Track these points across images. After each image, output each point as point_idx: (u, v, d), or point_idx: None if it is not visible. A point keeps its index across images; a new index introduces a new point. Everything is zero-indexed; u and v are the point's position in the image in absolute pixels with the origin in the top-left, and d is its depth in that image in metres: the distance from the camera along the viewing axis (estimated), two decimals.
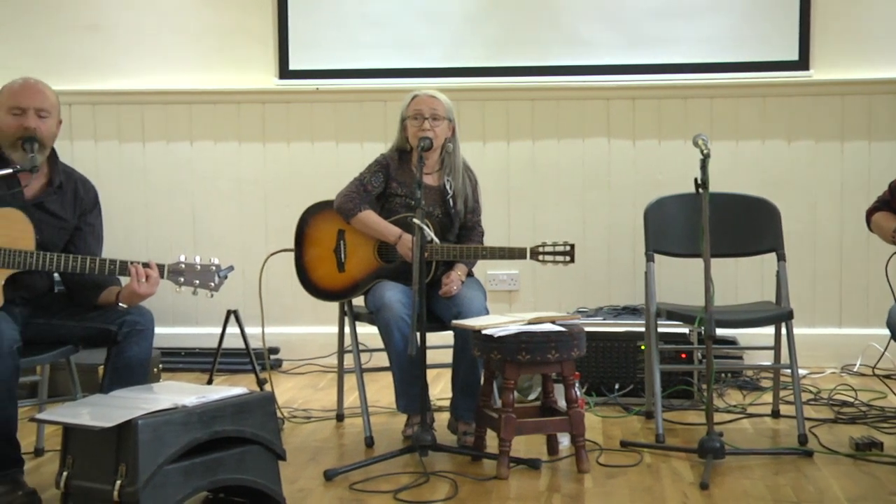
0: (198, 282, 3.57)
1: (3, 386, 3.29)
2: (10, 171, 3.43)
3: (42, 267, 3.48)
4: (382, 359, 4.24)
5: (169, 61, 5.86)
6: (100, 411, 3.15)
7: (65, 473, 3.14)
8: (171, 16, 5.86)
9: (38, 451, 4.04)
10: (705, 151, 3.81)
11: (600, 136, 5.75)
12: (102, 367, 3.63)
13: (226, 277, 3.60)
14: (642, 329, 4.68)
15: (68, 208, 3.65)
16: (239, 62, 5.83)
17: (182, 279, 3.56)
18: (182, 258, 3.58)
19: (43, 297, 3.70)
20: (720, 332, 3.94)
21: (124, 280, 3.58)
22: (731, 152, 5.65)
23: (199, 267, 3.57)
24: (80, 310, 3.62)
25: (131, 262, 3.51)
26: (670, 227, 4.53)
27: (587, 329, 3.99)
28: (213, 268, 3.58)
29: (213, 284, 3.57)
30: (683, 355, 4.76)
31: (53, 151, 3.65)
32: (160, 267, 3.53)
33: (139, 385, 3.51)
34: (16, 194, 3.50)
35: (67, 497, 3.15)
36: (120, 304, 3.55)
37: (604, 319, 5.05)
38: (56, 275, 3.79)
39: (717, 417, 4.17)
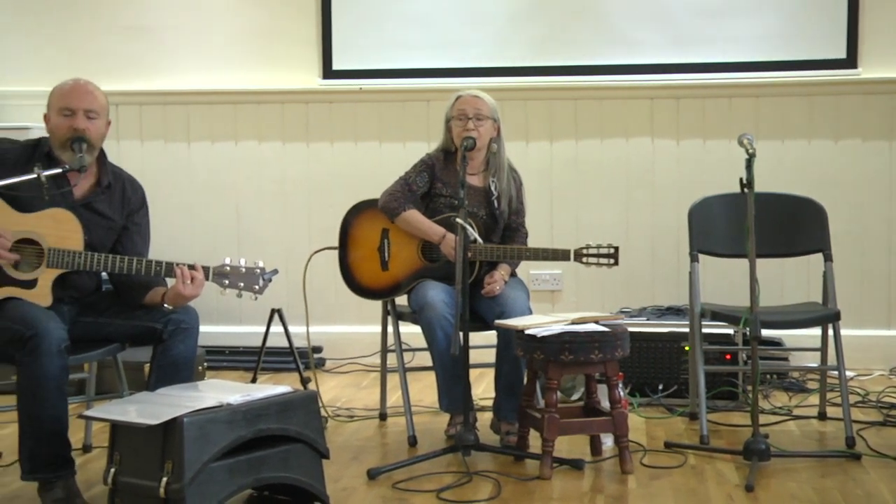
0: (242, 284, 3.58)
1: (52, 384, 3.33)
2: (59, 170, 3.45)
3: (90, 267, 3.52)
4: (425, 358, 4.24)
5: (214, 62, 5.90)
6: (146, 409, 3.18)
7: (112, 470, 3.18)
8: (216, 16, 5.90)
9: (87, 448, 4.09)
10: (751, 151, 3.78)
11: (644, 135, 5.72)
12: (148, 364, 3.66)
13: (270, 280, 3.61)
14: (686, 330, 4.65)
15: (116, 208, 3.69)
16: (283, 62, 5.86)
17: (227, 281, 3.58)
18: (227, 261, 3.60)
19: (90, 295, 3.74)
20: (766, 333, 3.92)
21: (170, 281, 3.61)
22: (776, 152, 5.59)
23: (243, 270, 3.59)
24: (126, 308, 3.66)
25: (177, 264, 3.53)
26: (715, 227, 4.50)
27: (631, 329, 3.96)
28: (258, 271, 3.60)
29: (257, 287, 3.59)
30: (728, 356, 4.72)
31: (102, 152, 3.68)
32: (205, 269, 3.56)
33: (184, 383, 3.54)
34: (65, 194, 3.54)
35: (115, 493, 3.19)
36: (165, 304, 3.58)
37: (647, 320, 5.02)
38: (104, 274, 3.83)
39: (763, 419, 4.13)
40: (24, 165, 3.49)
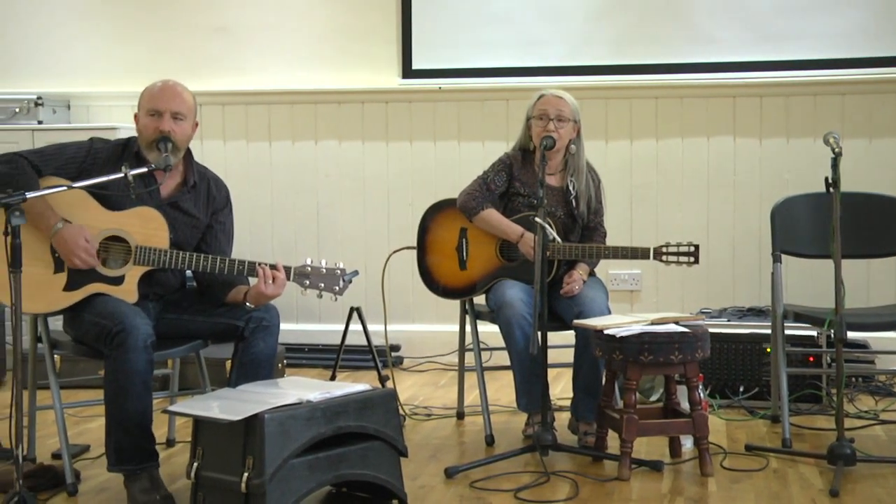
0: (322, 285, 3.61)
1: (138, 378, 3.40)
2: (144, 169, 3.53)
3: (175, 265, 3.58)
4: (503, 357, 4.24)
5: (295, 62, 5.96)
6: (228, 405, 3.23)
7: (195, 464, 3.23)
8: (297, 17, 5.96)
9: (170, 442, 4.16)
10: (836, 150, 3.71)
11: (726, 134, 5.65)
12: (230, 361, 3.72)
13: (350, 282, 3.64)
14: (768, 331, 4.58)
15: (201, 207, 3.75)
16: (363, 62, 5.90)
17: (307, 282, 3.61)
18: (308, 261, 3.63)
19: (174, 293, 3.81)
20: (851, 335, 3.83)
21: (252, 280, 3.65)
22: (863, 150, 5.48)
23: (324, 270, 3.61)
24: (209, 306, 3.72)
25: (259, 264, 3.58)
26: (798, 228, 4.42)
27: (711, 330, 3.92)
28: (338, 272, 3.62)
29: (337, 288, 3.61)
30: (811, 358, 4.63)
31: (189, 151, 3.74)
32: (287, 269, 3.59)
33: (265, 379, 3.58)
34: (152, 193, 3.61)
35: (198, 487, 3.24)
36: (247, 303, 3.63)
37: (728, 321, 4.95)
38: (188, 272, 3.90)
39: (848, 423, 4.05)
40: (114, 164, 3.57)
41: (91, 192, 3.53)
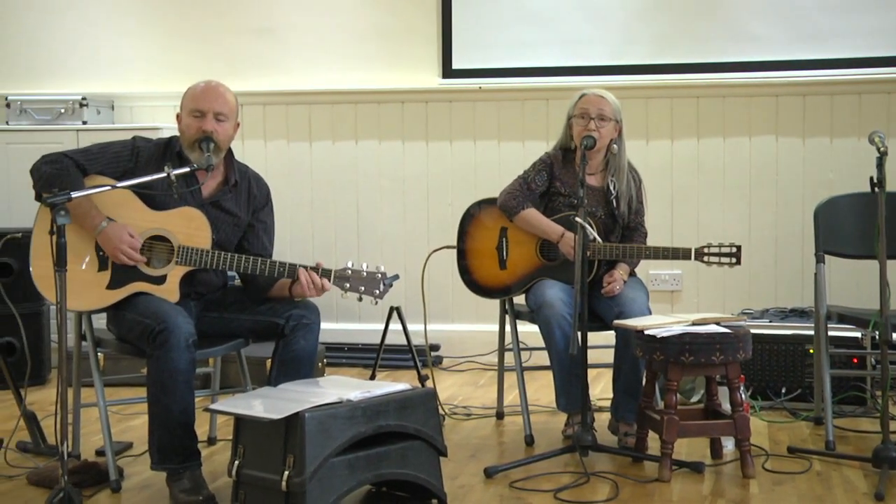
0: (363, 288, 3.62)
1: (181, 377, 3.43)
2: (187, 169, 3.55)
3: (217, 266, 3.61)
4: (542, 357, 4.23)
5: (336, 62, 5.98)
6: (269, 403, 3.25)
7: (236, 463, 3.25)
8: (337, 17, 5.98)
9: (211, 440, 4.19)
10: (882, 149, 3.67)
11: (768, 133, 5.60)
12: (270, 360, 3.74)
13: (390, 286, 3.65)
14: (811, 332, 4.53)
15: (242, 206, 3.78)
16: (403, 62, 5.91)
17: (348, 285, 3.62)
18: (349, 264, 3.64)
19: (216, 292, 3.83)
20: None
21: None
22: None
23: (365, 274, 3.62)
24: (250, 304, 3.74)
25: (300, 267, 3.60)
26: (842, 228, 4.37)
27: (753, 331, 3.89)
28: (379, 276, 3.63)
29: (377, 292, 3.62)
30: (855, 360, 4.58)
31: (230, 151, 3.77)
32: (327, 272, 3.61)
33: (305, 376, 3.60)
34: (194, 192, 3.64)
35: (239, 485, 3.26)
36: (294, 297, 3.67)
37: (770, 321, 4.91)
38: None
39: (893, 426, 3.98)
40: (156, 164, 3.60)
41: (135, 191, 3.57)
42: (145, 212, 3.61)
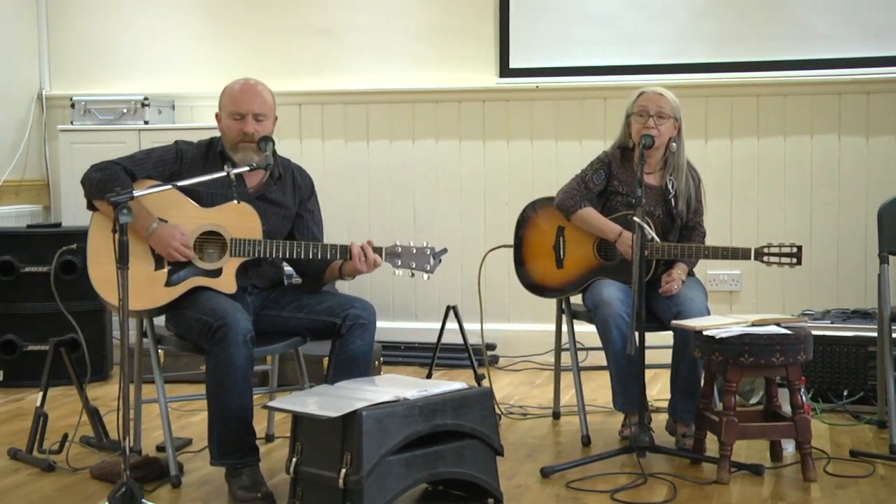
0: (414, 264, 3.67)
1: (239, 373, 3.47)
2: (247, 168, 3.62)
3: (270, 254, 3.66)
4: (599, 357, 4.21)
5: (393, 61, 6.00)
6: (326, 401, 3.27)
7: (294, 460, 3.27)
8: (395, 17, 6.00)
9: (269, 437, 4.22)
10: None
11: (830, 132, 5.52)
12: (327, 358, 3.76)
13: (440, 260, 3.69)
14: (874, 334, 4.46)
15: (289, 196, 3.83)
16: (460, 61, 5.92)
17: (399, 261, 3.67)
18: (398, 241, 3.69)
19: (274, 290, 3.87)
20: None
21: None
22: None
23: (414, 250, 3.67)
24: (308, 303, 3.77)
25: (352, 244, 3.64)
26: None
27: (814, 332, 3.84)
28: (428, 250, 3.67)
29: (428, 266, 3.67)
30: None
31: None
32: (378, 250, 3.66)
33: (362, 375, 3.62)
34: (239, 189, 3.69)
35: (296, 483, 3.28)
36: (344, 277, 3.73)
37: (832, 323, 4.84)
38: (287, 267, 3.97)
39: None
40: (200, 165, 3.70)
41: (185, 191, 3.62)
42: (196, 209, 3.68)
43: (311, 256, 3.66)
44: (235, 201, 3.61)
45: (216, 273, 3.65)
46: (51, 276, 4.29)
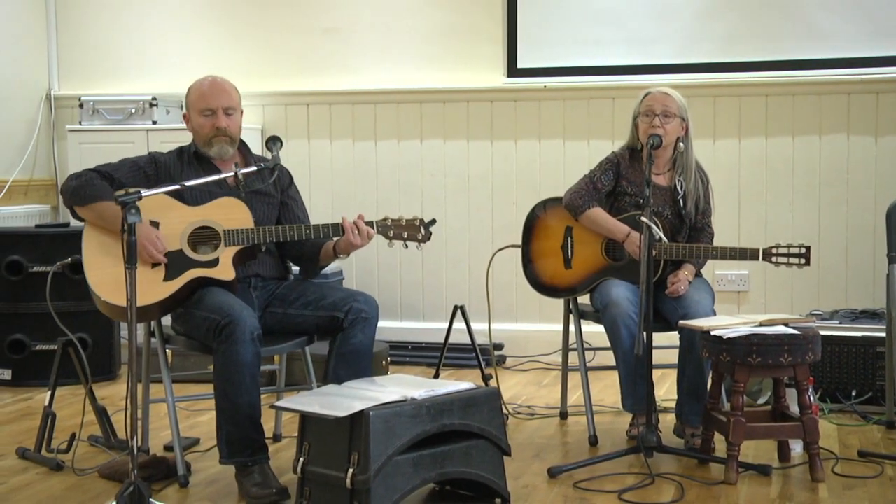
0: (406, 234, 3.77)
1: (246, 371, 3.48)
2: (254, 168, 3.66)
3: (263, 239, 3.72)
4: (606, 357, 4.21)
5: (401, 61, 6.00)
6: (334, 401, 3.27)
7: (301, 459, 3.28)
8: (402, 17, 6.00)
9: (277, 437, 4.23)
10: None
11: (839, 132, 5.51)
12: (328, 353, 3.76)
13: (430, 231, 3.79)
14: (882, 334, 4.46)
15: (270, 185, 3.87)
16: (468, 61, 5.91)
17: (391, 233, 3.76)
18: (388, 215, 3.78)
19: (279, 286, 3.88)
20: None
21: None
22: None
23: (404, 222, 3.76)
24: (313, 299, 3.78)
25: (343, 219, 3.71)
26: None
27: (822, 333, 3.83)
28: (418, 222, 3.77)
29: (419, 236, 3.77)
30: None
31: (242, 141, 3.92)
32: (369, 223, 3.73)
33: (363, 369, 3.64)
34: (220, 183, 3.75)
35: (304, 482, 3.29)
36: (339, 255, 3.80)
37: (840, 323, 4.83)
38: (295, 269, 3.99)
39: None
40: (179, 169, 3.80)
41: (169, 194, 3.66)
42: (185, 209, 3.73)
43: (303, 237, 3.73)
44: (225, 197, 3.72)
45: (213, 263, 3.69)
46: (47, 285, 4.18)
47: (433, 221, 3.82)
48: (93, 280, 3.66)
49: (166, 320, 3.87)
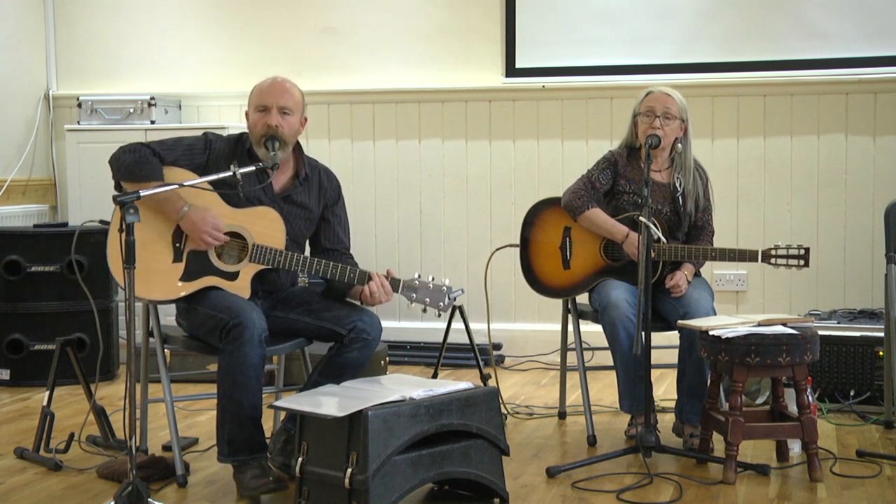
0: (428, 300, 3.67)
1: (252, 372, 3.48)
2: (252, 168, 3.57)
3: (289, 266, 3.65)
4: (605, 357, 4.21)
5: (399, 61, 6.00)
6: (333, 401, 3.27)
7: (300, 459, 3.28)
8: (401, 16, 6.00)
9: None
10: None
11: (837, 132, 5.51)
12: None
13: (454, 300, 3.70)
14: (881, 334, 4.46)
15: (313, 199, 3.81)
16: (466, 61, 5.92)
17: (414, 296, 3.67)
18: (416, 276, 3.69)
19: (283, 291, 3.86)
20: None
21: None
22: None
23: (431, 286, 3.67)
24: (317, 308, 3.75)
25: (370, 274, 3.64)
26: None
27: (821, 332, 3.83)
28: (444, 289, 3.67)
29: (442, 304, 3.67)
30: None
31: (298, 145, 3.81)
32: (395, 282, 3.65)
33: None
34: (265, 188, 3.68)
35: (302, 482, 3.29)
36: (363, 303, 3.71)
37: (838, 323, 4.83)
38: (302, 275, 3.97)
39: None
40: (227, 160, 3.65)
41: (215, 186, 3.58)
42: (222, 207, 3.65)
43: (328, 276, 3.65)
44: (259, 203, 3.63)
45: (233, 276, 3.64)
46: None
47: (461, 291, 3.76)
48: (115, 268, 3.54)
49: (169, 318, 3.86)
